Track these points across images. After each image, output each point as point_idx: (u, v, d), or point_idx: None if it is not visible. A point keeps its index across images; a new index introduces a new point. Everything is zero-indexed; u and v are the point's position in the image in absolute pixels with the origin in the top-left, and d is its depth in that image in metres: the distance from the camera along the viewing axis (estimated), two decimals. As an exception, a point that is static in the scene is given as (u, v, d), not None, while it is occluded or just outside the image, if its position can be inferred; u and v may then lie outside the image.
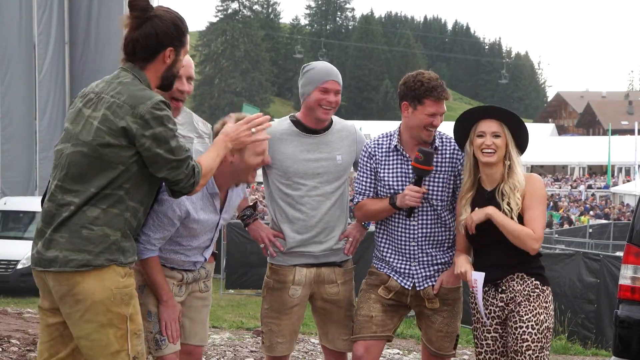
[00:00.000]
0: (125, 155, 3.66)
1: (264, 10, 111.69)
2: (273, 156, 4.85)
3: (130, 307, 3.72)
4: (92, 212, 3.65)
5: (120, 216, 3.70)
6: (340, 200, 4.97)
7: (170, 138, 3.68)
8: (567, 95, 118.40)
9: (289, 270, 4.92)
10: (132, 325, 3.73)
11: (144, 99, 3.66)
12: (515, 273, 4.52)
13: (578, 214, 35.31)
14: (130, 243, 3.78)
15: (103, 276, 3.65)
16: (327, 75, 4.83)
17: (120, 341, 3.69)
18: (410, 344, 9.71)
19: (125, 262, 3.73)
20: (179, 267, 4.55)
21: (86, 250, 3.63)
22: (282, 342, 4.95)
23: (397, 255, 4.90)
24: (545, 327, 4.47)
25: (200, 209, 4.47)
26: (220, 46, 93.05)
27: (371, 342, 4.86)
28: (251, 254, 15.94)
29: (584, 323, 11.37)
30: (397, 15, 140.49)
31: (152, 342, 4.51)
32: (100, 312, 3.65)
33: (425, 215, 4.82)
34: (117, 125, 3.64)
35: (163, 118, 3.66)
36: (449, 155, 4.84)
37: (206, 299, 4.80)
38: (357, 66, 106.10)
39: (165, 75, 3.87)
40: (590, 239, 20.80)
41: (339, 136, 4.98)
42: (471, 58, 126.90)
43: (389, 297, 4.89)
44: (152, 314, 4.52)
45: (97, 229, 3.65)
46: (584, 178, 54.62)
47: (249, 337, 9.40)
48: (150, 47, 3.79)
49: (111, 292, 3.65)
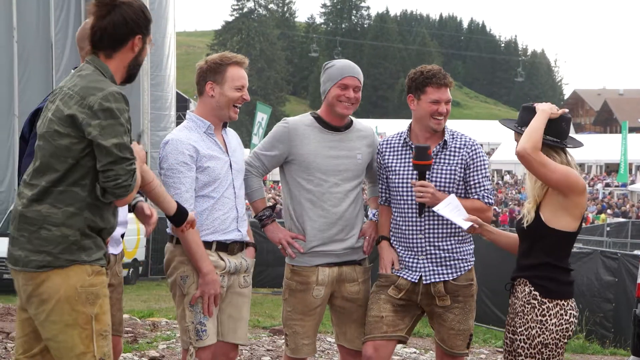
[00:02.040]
0: (76, 149, 3.58)
1: (280, 9, 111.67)
2: (295, 151, 4.89)
3: (96, 306, 3.63)
4: (49, 211, 3.59)
5: (78, 215, 3.61)
6: (358, 198, 5.00)
7: (118, 133, 3.57)
8: (584, 93, 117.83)
9: (312, 271, 4.91)
10: (97, 325, 3.63)
11: (95, 90, 3.59)
12: (521, 277, 4.40)
13: (595, 212, 35.13)
14: (93, 240, 3.67)
15: (68, 273, 3.59)
16: (345, 72, 4.87)
17: (86, 342, 3.60)
18: (426, 342, 9.68)
19: (89, 260, 3.64)
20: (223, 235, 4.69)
21: (45, 251, 3.58)
22: (307, 344, 4.97)
23: (404, 250, 4.90)
24: (538, 343, 4.25)
25: (206, 147, 4.65)
26: (236, 45, 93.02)
27: (381, 342, 4.84)
28: (267, 252, 15.93)
29: (602, 322, 11.31)
30: (413, 14, 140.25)
31: (193, 333, 4.56)
32: (65, 311, 3.58)
33: (428, 208, 4.80)
34: (64, 113, 3.59)
35: (112, 110, 3.57)
36: (457, 149, 4.87)
37: (246, 295, 4.85)
38: (372, 65, 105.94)
39: (132, 64, 3.81)
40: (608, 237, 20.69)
41: (358, 135, 5.01)
42: (487, 56, 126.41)
43: (399, 297, 4.88)
44: (194, 304, 4.57)
45: (54, 229, 3.58)
46: (602, 176, 54.32)
47: (265, 336, 9.40)
48: (119, 34, 3.73)
49: (76, 290, 3.58)
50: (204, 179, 4.65)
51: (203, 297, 4.58)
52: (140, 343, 8.25)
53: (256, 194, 5.03)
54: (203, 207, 4.67)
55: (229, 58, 4.78)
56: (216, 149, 4.74)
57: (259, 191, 5.04)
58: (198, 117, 4.78)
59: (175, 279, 4.70)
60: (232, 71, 4.75)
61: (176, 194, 4.55)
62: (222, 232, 4.72)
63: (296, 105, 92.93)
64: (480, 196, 4.85)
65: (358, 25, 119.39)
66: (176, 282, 4.69)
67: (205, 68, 4.76)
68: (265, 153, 4.98)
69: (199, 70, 4.79)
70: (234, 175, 4.78)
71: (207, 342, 4.60)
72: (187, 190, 4.60)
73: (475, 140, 5.01)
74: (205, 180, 4.65)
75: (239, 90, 4.75)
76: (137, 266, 21.61)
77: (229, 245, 4.75)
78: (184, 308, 4.65)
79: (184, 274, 4.65)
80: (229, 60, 4.76)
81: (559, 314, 4.28)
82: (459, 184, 4.85)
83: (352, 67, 4.94)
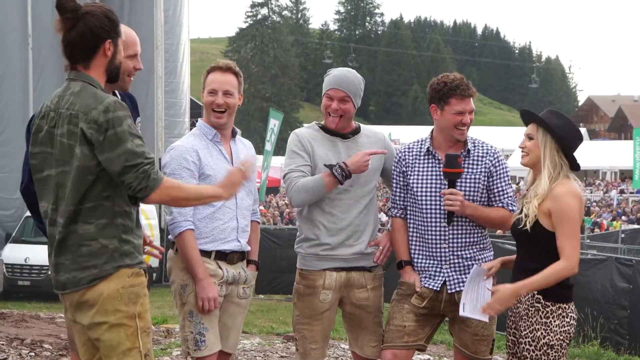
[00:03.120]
0: (91, 165, 3.66)
1: (294, 16, 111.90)
2: (310, 155, 4.88)
3: (137, 305, 3.74)
4: (84, 228, 3.69)
5: (111, 224, 3.72)
6: (370, 205, 4.98)
7: (124, 140, 3.63)
8: (599, 99, 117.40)
9: (319, 274, 4.91)
10: (141, 322, 3.75)
11: (95, 104, 3.65)
12: None
13: (610, 219, 34.96)
14: (131, 244, 3.78)
15: (110, 279, 3.70)
16: (331, 83, 4.86)
17: (131, 339, 3.71)
18: (441, 349, 9.66)
19: (132, 264, 3.76)
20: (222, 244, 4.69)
21: (91, 266, 3.69)
22: (315, 348, 4.96)
23: (427, 259, 4.89)
24: (544, 344, 4.30)
25: (209, 155, 4.66)
26: (250, 52, 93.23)
27: (401, 351, 4.85)
28: (281, 259, 15.97)
29: (617, 329, 11.24)
30: (427, 20, 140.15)
31: (192, 343, 4.57)
32: (110, 312, 3.69)
33: (456, 217, 4.81)
34: (77, 133, 3.66)
35: (115, 120, 3.63)
36: (480, 157, 4.87)
37: (243, 306, 4.86)
38: (386, 71, 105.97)
39: (109, 68, 3.85)
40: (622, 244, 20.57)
41: (368, 141, 4.99)
42: (501, 62, 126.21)
43: (422, 306, 4.87)
44: (194, 314, 4.59)
45: (93, 243, 3.69)
46: (616, 183, 54.10)
47: (279, 343, 9.41)
48: (88, 44, 3.77)
49: (118, 292, 3.69)
50: None
51: (201, 302, 4.59)
52: (154, 350, 8.27)
53: (313, 179, 4.79)
54: (203, 215, 4.69)
55: (212, 66, 4.87)
56: (220, 158, 4.76)
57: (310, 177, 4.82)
58: (206, 124, 4.82)
59: (176, 288, 4.73)
60: (210, 77, 4.82)
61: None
62: (221, 241, 4.73)
63: (310, 112, 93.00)
64: (505, 204, 4.86)
65: (372, 32, 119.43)
66: (176, 291, 4.72)
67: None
68: (297, 162, 4.85)
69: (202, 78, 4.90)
70: None
71: (206, 353, 4.62)
72: None
73: (496, 147, 5.01)
74: None
75: (212, 94, 4.78)
76: (151, 273, 21.66)
77: (228, 254, 4.77)
78: (184, 317, 4.68)
79: (183, 282, 4.67)
80: (210, 69, 4.86)
81: (561, 317, 4.34)
82: (482, 192, 4.86)
83: (340, 78, 4.86)
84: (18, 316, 10.54)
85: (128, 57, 4.28)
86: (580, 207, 4.35)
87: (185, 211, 4.60)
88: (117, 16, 3.90)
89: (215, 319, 4.70)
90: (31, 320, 10.33)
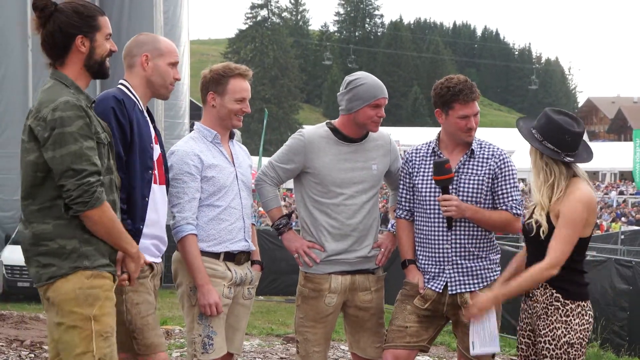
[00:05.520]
0: (39, 162, 3.63)
1: (293, 17, 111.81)
2: (311, 164, 4.88)
3: (95, 308, 3.68)
4: (41, 228, 3.67)
5: (69, 224, 3.67)
6: (373, 208, 4.99)
7: (67, 142, 3.58)
8: (598, 101, 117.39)
9: (325, 278, 4.91)
10: (97, 326, 3.68)
11: (48, 102, 3.63)
12: None
13: (610, 221, 34.96)
14: (94, 246, 3.71)
15: (68, 279, 3.67)
16: (379, 93, 4.86)
17: (85, 342, 3.65)
18: (440, 350, 9.66)
19: (92, 266, 3.70)
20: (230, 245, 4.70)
21: (49, 264, 3.68)
22: (318, 351, 4.96)
23: (430, 260, 4.88)
24: (564, 342, 4.30)
25: (211, 157, 4.67)
26: (250, 53, 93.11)
27: (402, 351, 4.84)
28: (280, 260, 15.94)
29: (617, 330, 11.24)
30: (426, 22, 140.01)
31: (200, 345, 4.58)
32: (66, 313, 3.67)
33: (459, 219, 4.80)
34: (26, 127, 3.66)
35: (63, 119, 3.57)
36: (485, 159, 4.84)
37: (248, 306, 4.88)
38: (386, 72, 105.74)
39: (88, 64, 3.81)
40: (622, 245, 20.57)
41: (374, 145, 4.99)
42: (501, 64, 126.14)
43: (425, 307, 4.87)
44: (203, 317, 4.59)
45: (50, 243, 3.66)
46: (616, 184, 54.12)
47: (278, 344, 9.40)
48: (58, 42, 3.76)
49: (74, 293, 3.65)
50: (209, 188, 4.68)
51: (203, 308, 4.59)
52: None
53: (272, 203, 5.02)
54: (209, 217, 4.70)
55: (232, 69, 4.77)
56: (222, 159, 4.77)
57: (275, 199, 5.04)
58: (205, 126, 4.81)
59: (184, 290, 4.71)
60: (234, 83, 4.75)
61: (178, 204, 4.62)
62: (229, 242, 4.74)
63: (309, 113, 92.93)
64: (509, 207, 4.82)
65: (372, 33, 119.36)
66: (185, 293, 4.71)
67: (208, 78, 4.79)
68: (281, 165, 4.97)
69: (203, 80, 4.82)
70: (240, 187, 4.80)
71: (213, 356, 4.62)
72: (189, 200, 4.63)
73: (504, 150, 4.98)
74: (210, 189, 4.68)
75: (239, 102, 4.75)
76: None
77: (236, 255, 4.78)
78: (193, 319, 4.67)
79: (192, 284, 4.67)
80: (231, 72, 4.76)
81: (581, 314, 4.35)
82: (486, 194, 4.83)
83: (381, 86, 4.92)
84: (18, 317, 10.53)
85: (170, 65, 4.33)
86: (587, 212, 4.32)
87: (187, 214, 4.59)
88: (99, 10, 3.82)
89: (223, 322, 4.71)
90: (31, 322, 10.32)
